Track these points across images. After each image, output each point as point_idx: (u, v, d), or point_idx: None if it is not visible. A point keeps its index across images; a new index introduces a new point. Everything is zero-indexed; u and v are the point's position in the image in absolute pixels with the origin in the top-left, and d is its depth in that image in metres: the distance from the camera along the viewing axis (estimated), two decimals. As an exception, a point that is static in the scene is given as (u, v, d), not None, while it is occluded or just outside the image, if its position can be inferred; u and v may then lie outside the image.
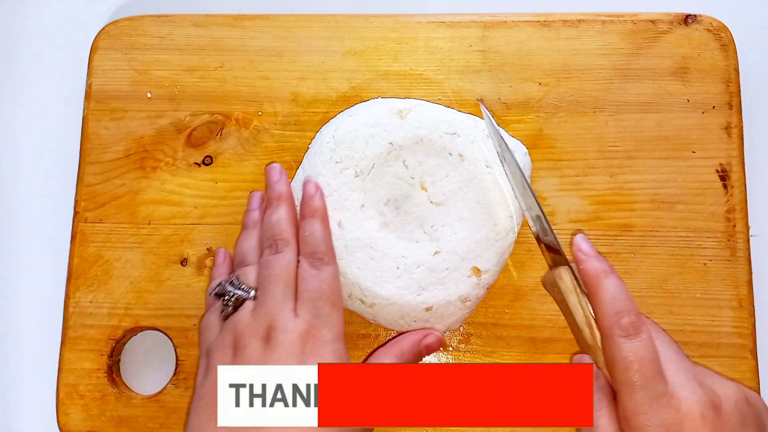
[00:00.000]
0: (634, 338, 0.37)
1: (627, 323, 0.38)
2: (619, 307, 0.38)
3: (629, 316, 0.38)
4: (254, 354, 0.38)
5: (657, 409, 0.35)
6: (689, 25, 0.50)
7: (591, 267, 0.40)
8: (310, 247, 0.42)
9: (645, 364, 0.36)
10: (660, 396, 0.36)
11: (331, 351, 0.39)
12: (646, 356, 0.37)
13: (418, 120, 0.46)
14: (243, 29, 0.52)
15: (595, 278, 0.40)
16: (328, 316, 0.39)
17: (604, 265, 0.40)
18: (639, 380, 0.36)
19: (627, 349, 0.37)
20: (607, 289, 0.39)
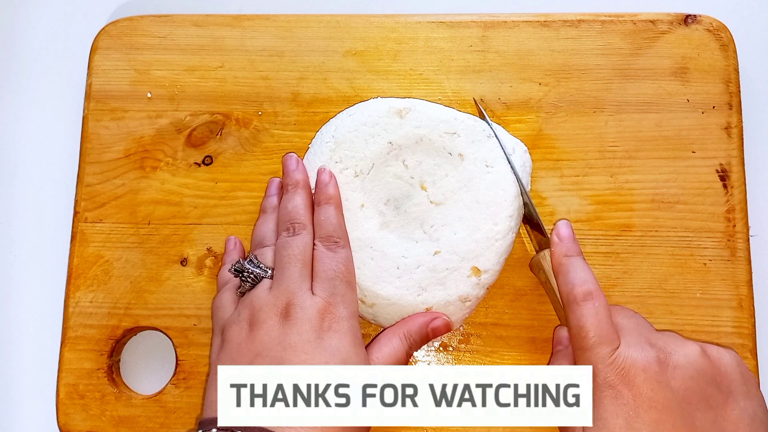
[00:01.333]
0: (586, 303, 0.40)
1: (580, 291, 0.40)
2: (574, 278, 0.41)
3: (583, 285, 0.40)
4: (272, 329, 0.39)
5: (602, 368, 0.37)
6: (689, 25, 0.50)
7: (558, 249, 0.43)
8: (325, 230, 0.43)
9: (595, 328, 0.39)
10: (606, 356, 0.38)
11: (348, 327, 0.40)
12: (596, 320, 0.39)
13: (417, 120, 0.46)
14: (243, 29, 0.52)
15: (559, 259, 0.43)
16: (344, 295, 0.41)
17: (572, 249, 0.43)
18: (589, 342, 0.38)
19: (579, 313, 0.40)
20: (568, 267, 0.42)
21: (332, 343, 0.39)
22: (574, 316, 0.40)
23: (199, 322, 0.48)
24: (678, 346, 0.38)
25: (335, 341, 0.39)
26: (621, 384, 0.37)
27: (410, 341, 0.43)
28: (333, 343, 0.39)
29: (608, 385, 0.37)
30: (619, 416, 0.36)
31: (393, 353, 0.42)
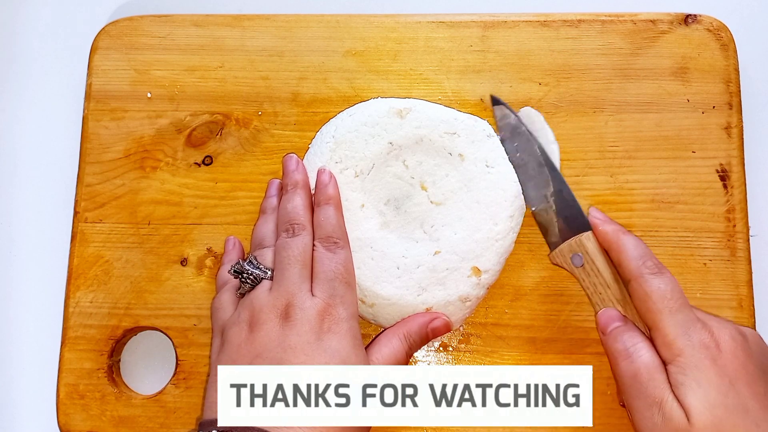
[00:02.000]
0: (660, 275, 0.41)
1: (652, 264, 0.42)
2: (642, 252, 0.42)
3: (651, 259, 0.42)
4: (272, 330, 0.39)
5: (695, 330, 0.39)
6: (689, 25, 0.50)
7: (609, 227, 0.44)
8: (325, 231, 0.43)
9: (673, 295, 0.40)
10: (694, 320, 0.39)
11: (347, 328, 0.40)
12: (675, 287, 0.40)
13: (417, 120, 0.46)
14: (243, 29, 0.52)
15: (614, 235, 0.43)
16: (344, 296, 0.41)
17: (619, 227, 0.44)
18: (672, 307, 0.39)
19: (658, 282, 0.40)
20: (628, 242, 0.43)
21: (332, 344, 0.39)
22: (651, 285, 0.40)
23: (199, 322, 0.48)
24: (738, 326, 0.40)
25: (335, 342, 0.39)
26: (714, 348, 0.38)
27: (410, 342, 0.43)
28: (333, 344, 0.39)
29: (704, 346, 0.38)
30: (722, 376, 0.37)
31: (393, 354, 0.42)
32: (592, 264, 0.44)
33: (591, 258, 0.44)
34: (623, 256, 0.42)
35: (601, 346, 0.46)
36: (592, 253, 0.44)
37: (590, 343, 0.47)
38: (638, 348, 0.40)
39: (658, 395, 0.38)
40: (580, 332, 0.47)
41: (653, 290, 0.40)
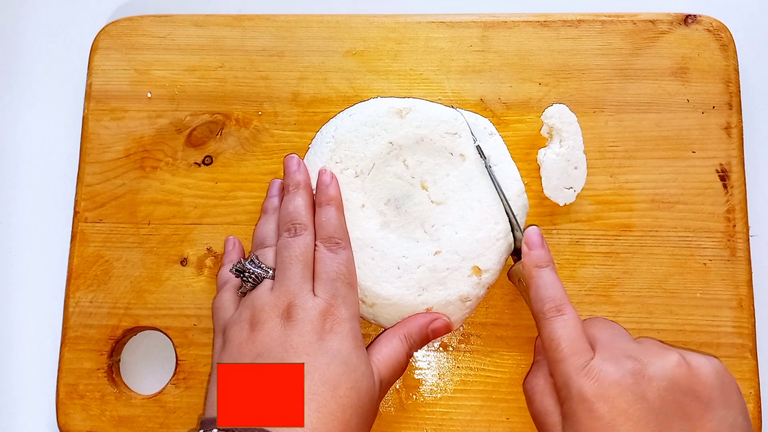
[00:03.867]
0: (556, 319, 0.40)
1: (549, 307, 0.41)
2: (544, 295, 0.41)
3: (552, 302, 0.41)
4: (274, 330, 0.39)
5: (576, 380, 0.37)
6: (689, 25, 0.50)
7: (528, 260, 0.43)
8: (326, 231, 0.43)
9: (566, 341, 0.39)
10: (579, 369, 0.38)
11: (349, 329, 0.40)
12: (566, 334, 0.39)
13: (418, 120, 0.46)
14: (243, 29, 0.52)
15: (530, 270, 0.43)
16: (346, 296, 0.41)
17: (541, 258, 0.43)
18: (561, 355, 0.39)
19: (549, 328, 0.40)
20: (536, 279, 0.42)
21: (333, 344, 0.39)
22: (545, 331, 0.40)
23: (199, 322, 0.48)
24: (654, 357, 0.38)
25: (336, 342, 0.39)
26: (595, 397, 0.36)
27: (410, 342, 0.43)
28: (334, 344, 0.39)
29: (582, 399, 0.37)
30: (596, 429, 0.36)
31: (393, 354, 0.42)
32: (524, 292, 0.44)
33: (523, 287, 0.44)
34: (530, 296, 0.42)
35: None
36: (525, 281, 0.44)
37: (590, 343, 0.47)
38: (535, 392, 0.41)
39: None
40: (580, 332, 0.47)
41: (545, 337, 0.40)
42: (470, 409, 0.46)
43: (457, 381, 0.47)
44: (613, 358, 0.38)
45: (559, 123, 0.47)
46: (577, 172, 0.47)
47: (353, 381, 0.38)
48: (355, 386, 0.38)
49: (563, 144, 0.47)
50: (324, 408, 0.37)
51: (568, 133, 0.47)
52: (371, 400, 0.39)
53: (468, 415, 0.46)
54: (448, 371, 0.47)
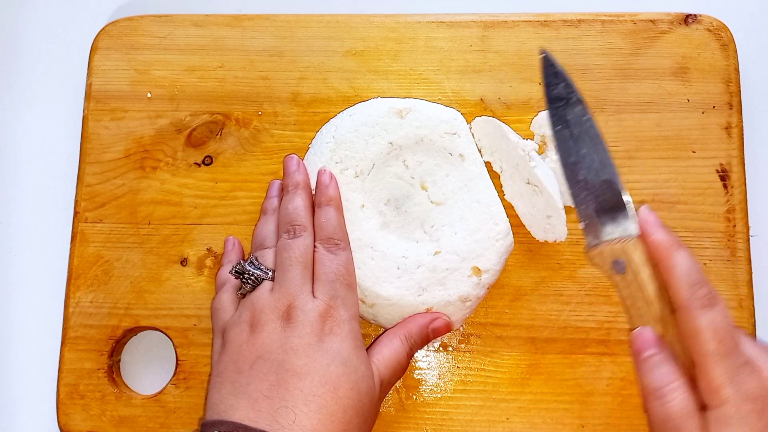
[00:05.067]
0: (712, 309, 0.36)
1: (703, 294, 0.37)
2: (695, 279, 0.37)
3: (705, 287, 0.37)
4: (273, 332, 0.39)
5: (741, 379, 0.35)
6: (689, 25, 0.50)
7: (661, 239, 0.39)
8: (326, 232, 0.43)
9: (725, 335, 0.36)
10: (743, 365, 0.35)
11: (349, 330, 0.40)
12: (725, 326, 0.36)
13: (417, 120, 0.46)
14: (243, 29, 0.52)
15: (666, 251, 0.38)
16: (345, 297, 0.41)
17: (673, 238, 0.39)
18: (722, 350, 0.35)
19: (707, 319, 0.36)
20: (681, 262, 0.38)
21: (333, 345, 0.39)
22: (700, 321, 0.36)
23: (199, 322, 0.48)
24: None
25: (336, 344, 0.39)
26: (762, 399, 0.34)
27: (411, 342, 0.43)
28: (334, 345, 0.39)
29: (749, 399, 0.34)
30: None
31: (394, 355, 0.42)
32: (636, 275, 0.39)
33: (635, 269, 0.39)
34: (673, 279, 0.38)
35: (601, 347, 0.47)
36: (637, 263, 0.39)
37: (590, 344, 0.47)
38: (672, 389, 0.36)
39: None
40: (580, 332, 0.47)
41: (703, 328, 0.36)
42: (470, 409, 0.46)
43: (457, 381, 0.47)
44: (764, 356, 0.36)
45: (549, 130, 0.47)
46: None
47: (353, 382, 0.38)
48: (355, 387, 0.38)
49: None
50: (324, 409, 0.37)
51: None
52: (371, 401, 0.40)
53: (468, 415, 0.46)
54: (448, 371, 0.47)
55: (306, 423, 0.36)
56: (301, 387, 0.37)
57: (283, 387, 0.37)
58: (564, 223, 0.44)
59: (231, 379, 0.38)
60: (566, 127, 0.43)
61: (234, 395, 0.38)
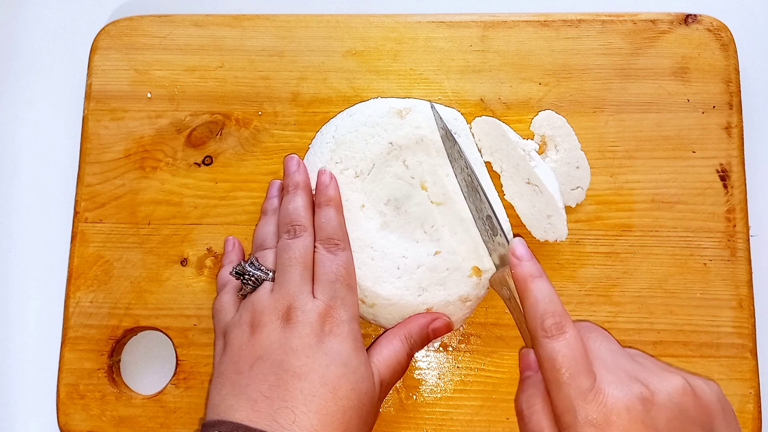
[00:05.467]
0: (557, 338, 0.37)
1: (550, 324, 0.38)
2: (542, 309, 0.39)
3: (553, 317, 0.38)
4: (274, 333, 0.39)
5: (583, 405, 0.35)
6: (689, 25, 0.50)
7: (520, 271, 0.40)
8: (326, 233, 0.43)
9: (569, 362, 0.37)
10: (585, 392, 0.35)
11: (348, 330, 0.40)
12: (569, 354, 0.37)
13: (418, 120, 0.46)
14: (243, 29, 0.52)
15: (523, 282, 0.40)
16: (345, 298, 0.41)
17: (534, 269, 0.40)
18: (563, 378, 0.36)
19: (550, 348, 0.37)
20: (533, 292, 0.39)
21: (333, 346, 0.39)
22: (546, 350, 0.38)
23: (199, 322, 0.48)
24: (661, 381, 0.36)
25: (336, 344, 0.39)
26: (604, 423, 0.34)
27: (411, 342, 0.43)
28: (334, 346, 0.39)
29: (590, 424, 0.35)
30: None
31: (394, 355, 0.42)
32: (515, 302, 0.42)
33: (513, 295, 0.42)
34: (525, 309, 0.40)
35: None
36: (513, 290, 0.41)
37: (590, 343, 0.47)
38: (531, 412, 0.38)
39: None
40: (580, 332, 0.47)
41: (545, 357, 0.37)
42: (470, 409, 0.46)
43: (457, 381, 0.47)
44: (619, 382, 0.36)
45: (549, 130, 0.47)
46: (579, 170, 0.47)
47: (353, 382, 0.38)
48: (355, 388, 0.38)
49: (559, 148, 0.47)
50: (324, 410, 0.37)
51: (561, 137, 0.47)
52: (371, 402, 0.40)
53: (468, 415, 0.46)
54: (448, 371, 0.47)
55: (306, 423, 0.36)
56: (301, 387, 0.37)
57: (282, 387, 0.37)
58: (564, 223, 0.44)
59: (231, 379, 0.38)
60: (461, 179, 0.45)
61: (234, 396, 0.38)
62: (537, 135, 0.48)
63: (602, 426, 0.34)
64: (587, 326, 0.41)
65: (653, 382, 0.36)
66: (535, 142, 0.47)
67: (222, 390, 0.38)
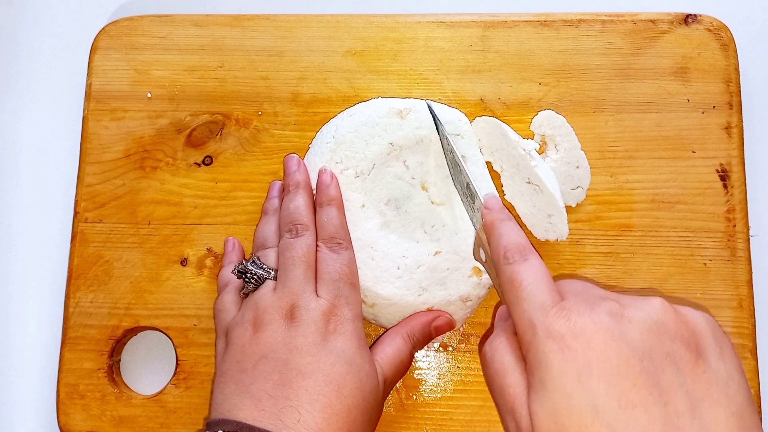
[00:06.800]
0: (519, 262, 0.35)
1: (513, 252, 0.35)
2: (505, 241, 0.36)
3: (517, 247, 0.36)
4: (277, 331, 0.39)
5: (542, 320, 0.31)
6: (689, 25, 0.50)
7: (489, 217, 0.39)
8: (328, 232, 0.43)
9: (529, 280, 0.33)
10: (549, 306, 0.32)
11: (352, 329, 0.40)
12: (530, 274, 0.34)
13: (418, 120, 0.46)
14: (243, 29, 0.52)
15: (491, 225, 0.38)
16: (348, 296, 0.41)
17: (502, 214, 0.39)
18: (522, 294, 0.33)
19: (510, 271, 0.34)
20: (498, 229, 0.38)
21: (337, 344, 0.39)
22: (507, 275, 0.34)
23: (200, 322, 0.48)
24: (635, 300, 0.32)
25: (340, 343, 0.39)
26: (568, 335, 0.30)
27: (413, 341, 0.43)
28: (338, 344, 0.39)
29: (552, 337, 0.30)
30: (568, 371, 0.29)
31: (396, 353, 0.42)
32: (491, 262, 0.39)
33: (487, 252, 0.40)
34: (492, 248, 0.38)
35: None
36: (488, 249, 0.40)
37: (590, 343, 0.47)
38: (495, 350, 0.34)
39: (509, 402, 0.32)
40: (580, 332, 0.47)
41: (506, 281, 0.34)
42: (470, 409, 0.46)
43: (457, 381, 0.47)
44: (587, 301, 0.32)
45: (549, 129, 0.47)
46: (580, 170, 0.47)
47: (357, 381, 0.38)
48: (359, 386, 0.38)
49: (559, 148, 0.47)
50: (329, 408, 0.37)
51: (561, 137, 0.47)
52: (376, 400, 0.40)
53: (468, 415, 0.46)
54: (448, 371, 0.47)
55: (310, 422, 0.36)
56: (306, 386, 0.37)
57: (287, 386, 0.37)
58: (565, 222, 0.44)
59: (235, 378, 0.38)
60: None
61: (238, 395, 0.38)
62: (537, 135, 0.48)
63: (564, 338, 0.30)
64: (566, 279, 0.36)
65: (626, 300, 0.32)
66: (536, 142, 0.47)
67: (225, 389, 0.38)
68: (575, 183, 0.47)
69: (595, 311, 0.31)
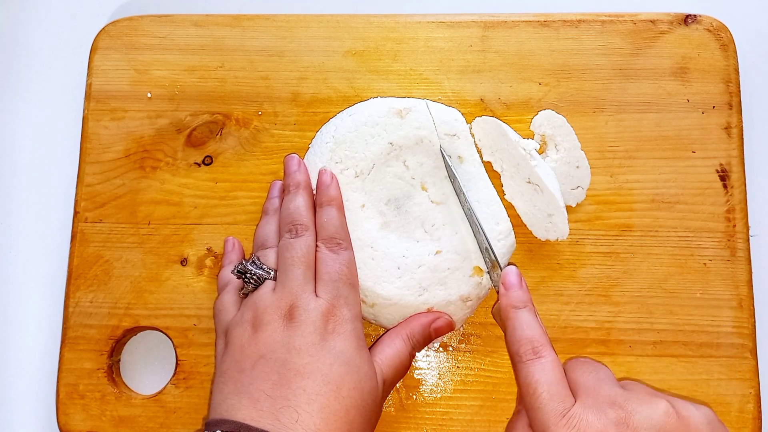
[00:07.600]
0: (533, 362, 0.37)
1: (526, 349, 0.38)
2: (519, 335, 0.39)
3: (530, 343, 0.38)
4: (276, 331, 0.39)
5: (556, 430, 0.35)
6: (689, 25, 0.50)
7: (504, 301, 0.41)
8: (328, 232, 0.43)
9: (543, 386, 0.36)
10: (559, 416, 0.35)
11: (352, 329, 0.40)
12: (543, 378, 0.37)
13: (418, 120, 0.46)
14: (243, 29, 0.52)
15: (506, 311, 0.41)
16: (348, 297, 0.41)
17: (517, 300, 0.41)
18: (537, 402, 0.36)
19: (525, 372, 0.37)
20: (513, 320, 0.40)
21: (336, 345, 0.39)
22: (522, 375, 0.38)
23: (199, 322, 0.48)
24: (641, 405, 0.35)
25: (339, 343, 0.39)
26: None
27: (413, 342, 0.43)
28: (337, 345, 0.39)
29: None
30: None
31: (396, 354, 0.42)
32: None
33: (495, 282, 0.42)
34: (506, 339, 0.40)
35: (601, 347, 0.47)
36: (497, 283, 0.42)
37: (590, 343, 0.47)
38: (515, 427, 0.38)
39: None
40: (580, 332, 0.47)
41: (522, 382, 0.37)
42: (470, 409, 0.46)
43: (457, 381, 0.47)
44: (596, 406, 0.35)
45: (549, 129, 0.47)
46: (580, 170, 0.47)
47: (356, 381, 0.38)
48: (358, 386, 0.38)
49: (559, 148, 0.47)
50: (327, 409, 0.37)
51: (561, 137, 0.47)
52: (374, 401, 0.40)
53: (468, 415, 0.46)
54: (448, 371, 0.47)
55: (309, 422, 0.36)
56: (304, 386, 0.37)
57: (285, 386, 0.37)
58: (566, 222, 0.44)
59: (233, 378, 0.38)
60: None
61: (236, 395, 0.38)
62: (537, 135, 0.48)
63: None
64: (581, 360, 0.40)
65: (633, 406, 0.35)
66: (536, 142, 0.47)
67: (224, 389, 0.38)
68: (575, 183, 0.47)
69: (602, 421, 0.34)
